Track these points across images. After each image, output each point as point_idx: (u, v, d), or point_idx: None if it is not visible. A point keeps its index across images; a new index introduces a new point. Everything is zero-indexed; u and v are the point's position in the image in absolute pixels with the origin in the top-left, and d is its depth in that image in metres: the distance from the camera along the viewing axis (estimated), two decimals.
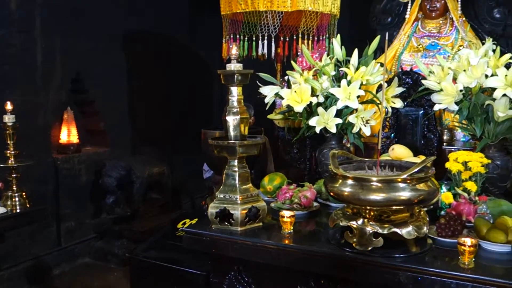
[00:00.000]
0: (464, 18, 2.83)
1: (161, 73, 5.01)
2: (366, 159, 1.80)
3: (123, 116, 4.73)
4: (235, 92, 1.84)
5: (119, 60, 4.57)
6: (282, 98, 2.25)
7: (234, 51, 1.82)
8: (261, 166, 3.27)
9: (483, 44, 2.01)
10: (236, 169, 1.86)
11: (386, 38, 1.66)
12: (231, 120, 1.84)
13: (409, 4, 2.96)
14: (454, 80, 1.98)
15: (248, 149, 1.85)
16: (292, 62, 2.38)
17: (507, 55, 1.91)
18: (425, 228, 1.57)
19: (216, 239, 1.82)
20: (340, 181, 1.58)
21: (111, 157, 4.39)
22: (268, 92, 2.31)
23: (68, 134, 4.09)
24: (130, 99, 4.77)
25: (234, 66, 1.81)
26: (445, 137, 2.46)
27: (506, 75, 1.82)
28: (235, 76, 1.80)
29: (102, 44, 4.24)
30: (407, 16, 2.96)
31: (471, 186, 1.84)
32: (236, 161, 1.86)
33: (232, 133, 1.85)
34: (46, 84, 3.85)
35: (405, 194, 1.49)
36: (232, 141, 1.83)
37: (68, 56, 3.98)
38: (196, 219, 2.30)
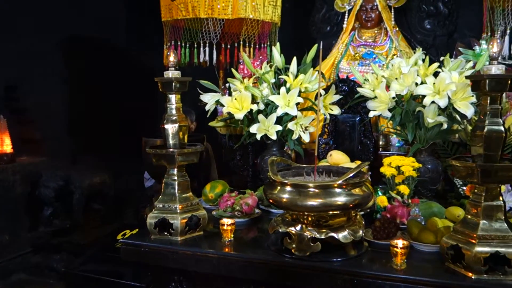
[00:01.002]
0: (397, 28, 2.96)
1: (102, 79, 4.87)
2: (305, 165, 1.82)
3: (62, 124, 4.56)
4: (174, 99, 1.82)
5: (56, 66, 4.40)
6: (223, 105, 2.25)
7: (171, 58, 1.80)
8: (204, 174, 3.25)
9: (415, 53, 2.10)
10: (176, 177, 1.84)
11: (321, 47, 1.70)
12: (170, 128, 1.82)
13: (346, 14, 3.06)
14: (388, 87, 2.06)
15: (188, 157, 1.84)
16: (233, 70, 2.38)
17: (435, 64, 2.01)
18: (360, 232, 1.61)
19: (155, 250, 1.78)
20: (279, 187, 1.59)
21: (48, 167, 4.21)
22: (208, 99, 2.30)
23: (1, 144, 3.89)
24: (69, 107, 4.60)
25: (171, 73, 1.79)
26: (381, 143, 2.55)
27: (434, 83, 1.91)
28: (173, 84, 1.78)
29: (38, 49, 4.07)
30: (344, 25, 3.05)
31: (404, 189, 1.91)
32: (175, 169, 1.83)
33: (171, 141, 1.83)
34: None
35: (341, 199, 1.52)
36: (171, 150, 1.81)
37: (0, 61, 3.78)
38: (137, 230, 2.25)
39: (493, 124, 1.40)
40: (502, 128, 1.39)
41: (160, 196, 1.86)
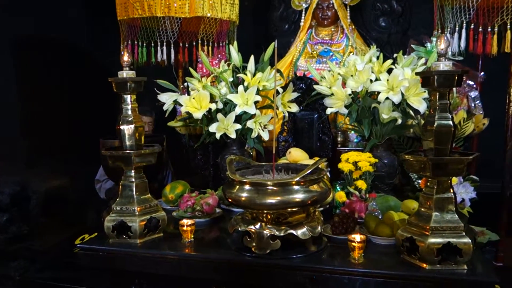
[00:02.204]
0: (353, 26, 3.01)
1: (58, 79, 4.71)
2: (264, 164, 1.83)
3: (15, 126, 4.38)
4: (129, 100, 1.79)
5: (6, 65, 4.22)
6: (181, 105, 2.23)
7: (125, 58, 1.76)
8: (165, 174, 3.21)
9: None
10: (133, 179, 1.81)
11: (276, 45, 1.70)
12: (126, 129, 1.78)
13: (303, 12, 3.08)
14: (344, 84, 2.09)
15: (145, 158, 1.81)
16: (191, 69, 2.36)
17: (389, 61, 2.06)
18: (319, 228, 1.63)
19: (113, 253, 1.75)
20: (237, 186, 1.59)
21: (2, 172, 4.04)
22: (166, 99, 2.27)
23: None
24: (23, 108, 4.43)
25: (126, 73, 1.76)
26: (339, 139, 2.59)
27: (388, 80, 1.96)
28: (128, 84, 1.75)
29: None
30: (301, 23, 3.08)
31: (362, 184, 1.95)
32: (132, 171, 1.80)
33: (127, 142, 1.80)
34: None
35: (299, 196, 1.54)
36: (127, 151, 1.77)
37: None
38: (96, 234, 2.20)
39: (443, 119, 1.44)
40: (451, 122, 1.44)
41: (117, 199, 1.82)
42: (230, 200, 1.62)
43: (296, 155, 2.15)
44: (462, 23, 2.22)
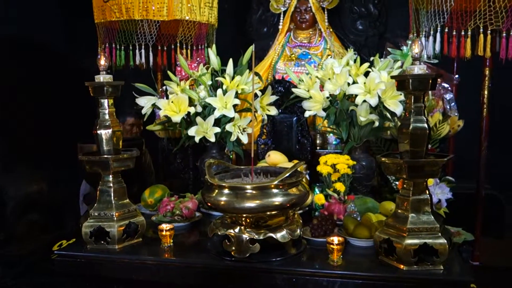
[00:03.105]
0: (331, 29, 3.04)
1: (35, 82, 4.63)
2: (243, 167, 1.84)
3: None
4: (106, 104, 1.78)
5: None
6: (160, 108, 2.21)
7: (102, 62, 1.75)
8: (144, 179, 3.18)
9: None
10: (111, 184, 1.79)
11: (253, 49, 1.71)
12: (103, 134, 1.77)
13: (282, 16, 3.10)
14: (322, 87, 2.11)
15: (123, 163, 1.80)
16: (169, 72, 2.35)
17: (366, 64, 2.08)
18: (298, 231, 1.64)
19: (91, 259, 1.73)
20: (216, 190, 1.59)
21: None
22: (145, 103, 2.26)
23: None
24: None
25: (103, 77, 1.74)
26: (318, 141, 2.61)
27: (365, 83, 1.98)
28: (105, 88, 1.73)
29: None
30: (280, 27, 3.09)
31: (340, 186, 1.97)
32: (110, 176, 1.78)
33: (105, 147, 1.78)
34: None
35: (278, 200, 1.54)
36: (104, 156, 1.76)
37: None
38: (74, 240, 2.17)
39: (418, 121, 1.47)
40: (426, 125, 1.47)
41: (95, 204, 1.80)
42: (209, 204, 1.61)
43: (275, 158, 2.16)
44: (437, 27, 2.26)
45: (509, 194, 3.50)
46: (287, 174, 1.58)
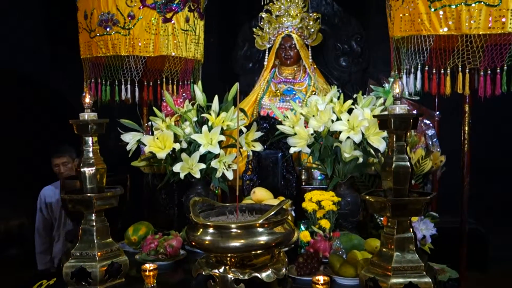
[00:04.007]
0: (315, 66, 3.10)
1: (20, 115, 4.60)
2: (228, 204, 1.83)
3: None
4: (90, 142, 1.77)
5: None
6: (145, 144, 2.21)
7: (87, 99, 1.75)
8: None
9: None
10: (94, 223, 1.76)
11: (238, 87, 1.73)
12: (87, 172, 1.75)
13: (267, 52, 3.16)
14: (307, 124, 2.14)
15: (107, 201, 1.77)
16: (155, 109, 2.36)
17: (349, 101, 2.12)
18: (284, 270, 1.63)
19: None
20: (201, 230, 1.58)
21: None
22: (130, 139, 2.25)
23: None
24: None
25: (87, 115, 1.74)
26: (303, 177, 2.62)
27: (348, 120, 2.01)
28: (89, 126, 1.73)
29: None
30: (265, 62, 3.15)
31: (325, 223, 1.96)
32: (93, 215, 1.76)
33: (88, 185, 1.76)
34: None
35: (263, 239, 1.54)
36: (87, 195, 1.73)
37: None
38: (54, 279, 2.11)
39: (400, 160, 1.49)
40: (408, 163, 1.49)
41: (77, 244, 1.77)
42: (193, 243, 1.60)
43: (261, 194, 2.15)
44: (417, 65, 2.32)
45: (491, 227, 3.54)
46: (273, 213, 1.58)
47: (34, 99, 4.78)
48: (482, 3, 2.06)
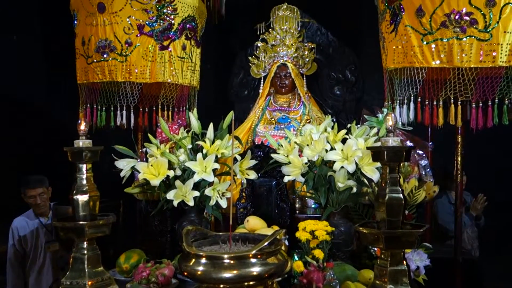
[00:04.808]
0: (310, 94, 3.14)
1: (16, 140, 4.57)
2: (221, 233, 1.82)
3: None
4: (84, 169, 1.77)
5: None
6: (139, 171, 2.21)
7: (82, 127, 1.76)
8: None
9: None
10: (85, 251, 1.75)
11: (233, 116, 1.75)
12: (80, 199, 1.74)
13: (262, 80, 3.20)
14: (301, 153, 2.15)
15: (99, 229, 1.77)
16: (149, 135, 2.37)
17: (343, 131, 2.14)
18: None
19: None
20: (193, 259, 1.56)
21: None
22: (124, 165, 2.25)
23: None
24: None
25: (82, 142, 1.74)
26: (297, 205, 2.61)
27: (342, 150, 2.03)
28: (84, 153, 1.73)
29: None
30: (260, 90, 3.18)
31: (319, 253, 1.95)
32: (85, 243, 1.74)
33: (80, 213, 1.75)
34: None
35: (256, 270, 1.52)
36: (80, 222, 1.72)
37: None
38: None
39: (393, 192, 1.50)
40: (401, 195, 1.50)
41: (67, 272, 1.74)
42: (185, 273, 1.58)
43: (254, 223, 2.14)
44: (410, 96, 2.35)
45: (486, 257, 3.54)
46: (266, 243, 1.57)
47: (31, 124, 4.75)
48: (473, 37, 2.11)
